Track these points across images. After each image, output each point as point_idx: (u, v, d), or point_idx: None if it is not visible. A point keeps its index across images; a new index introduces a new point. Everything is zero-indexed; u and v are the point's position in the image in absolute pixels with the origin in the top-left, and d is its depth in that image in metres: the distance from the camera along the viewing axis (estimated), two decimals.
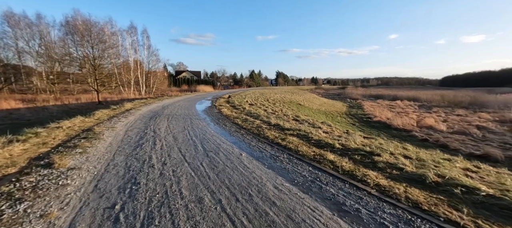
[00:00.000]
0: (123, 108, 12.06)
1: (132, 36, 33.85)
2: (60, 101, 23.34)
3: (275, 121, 8.50)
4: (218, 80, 69.23)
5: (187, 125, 7.80)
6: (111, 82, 28.08)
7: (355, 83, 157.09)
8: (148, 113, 10.56)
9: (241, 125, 8.01)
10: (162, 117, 9.55)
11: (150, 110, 11.56)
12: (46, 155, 4.38)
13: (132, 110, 11.54)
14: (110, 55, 27.82)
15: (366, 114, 22.48)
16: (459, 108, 26.03)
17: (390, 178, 3.45)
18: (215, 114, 10.82)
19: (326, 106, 29.02)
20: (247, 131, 7.09)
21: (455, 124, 16.35)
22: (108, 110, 11.10)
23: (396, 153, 4.86)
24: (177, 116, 9.70)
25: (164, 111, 11.42)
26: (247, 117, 9.69)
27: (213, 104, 14.86)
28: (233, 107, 13.24)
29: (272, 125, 7.81)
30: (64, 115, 16.73)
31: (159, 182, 3.33)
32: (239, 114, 10.45)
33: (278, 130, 7.09)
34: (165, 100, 18.32)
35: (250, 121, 8.70)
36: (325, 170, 3.85)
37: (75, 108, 19.80)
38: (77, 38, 23.76)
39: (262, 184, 3.33)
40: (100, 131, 6.59)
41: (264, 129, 7.26)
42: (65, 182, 3.26)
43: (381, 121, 18.11)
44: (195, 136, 6.32)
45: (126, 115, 9.89)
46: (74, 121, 7.80)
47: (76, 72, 28.78)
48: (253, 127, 7.58)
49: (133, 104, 14.13)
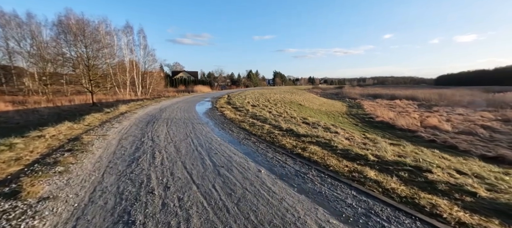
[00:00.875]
0: (118, 112, 11.05)
1: (128, 36, 32.72)
2: (52, 103, 22.17)
3: (286, 125, 7.66)
4: (216, 80, 68.21)
5: (189, 131, 6.91)
6: (106, 83, 26.94)
7: (352, 82, 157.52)
8: (144, 117, 9.60)
9: (250, 131, 7.13)
10: (160, 121, 8.61)
11: (147, 114, 10.60)
12: (14, 178, 3.44)
13: (127, 114, 10.53)
14: (104, 55, 26.71)
15: (367, 114, 21.77)
16: (458, 107, 25.53)
17: (468, 209, 2.62)
18: (217, 117, 9.95)
19: (326, 106, 28.29)
20: (258, 138, 6.22)
21: (459, 123, 15.73)
22: (101, 114, 10.13)
23: (443, 166, 4.05)
24: (177, 120, 8.78)
25: (162, 114, 10.48)
26: (253, 120, 8.82)
27: (214, 106, 13.98)
28: (236, 109, 12.38)
29: (284, 131, 6.96)
30: (55, 118, 15.75)
31: (162, 221, 2.45)
32: (244, 117, 9.58)
33: (293, 137, 6.24)
34: (162, 101, 17.31)
35: (258, 125, 7.81)
36: (375, 195, 3.00)
37: (68, 110, 18.72)
38: (70, 37, 22.63)
39: (301, 221, 2.47)
40: (89, 140, 5.66)
41: (277, 135, 6.40)
42: (30, 224, 2.35)
43: (384, 121, 17.39)
44: (200, 145, 5.43)
45: (121, 120, 8.91)
46: (60, 128, 6.82)
47: (69, 73, 27.61)
48: (264, 133, 6.71)
49: (128, 106, 13.12)
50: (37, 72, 29.11)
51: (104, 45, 26.86)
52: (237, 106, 13.65)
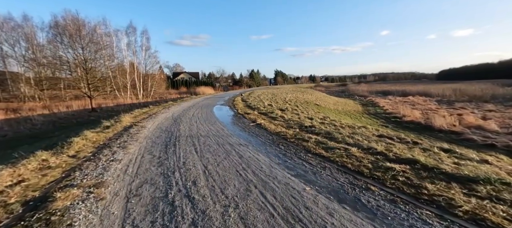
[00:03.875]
0: (120, 126, 8.54)
1: (130, 37, 31.19)
2: (48, 109, 20.60)
3: (353, 139, 5.63)
4: (217, 81, 66.76)
5: (235, 163, 4.42)
6: (105, 86, 25.44)
7: (353, 79, 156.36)
8: (158, 135, 7.09)
9: (324, 155, 4.74)
10: (182, 141, 6.14)
11: (159, 128, 8.24)
12: None
13: (133, 129, 7.92)
14: (103, 56, 25.18)
15: (390, 113, 20.22)
16: (482, 102, 24.04)
17: None
18: (254, 129, 7.56)
19: (341, 105, 26.80)
20: (358, 176, 3.71)
21: (504, 122, 14.22)
22: (97, 132, 7.55)
23: None
24: (204, 139, 6.34)
25: (180, 127, 8.10)
26: (309, 135, 6.16)
27: (235, 111, 12.15)
28: (265, 115, 10.30)
29: (371, 152, 4.69)
30: (50, 127, 14.11)
31: None
32: (288, 130, 7.10)
33: (407, 168, 3.81)
34: (171, 107, 15.42)
35: (323, 142, 5.45)
36: None
37: (64, 118, 17.18)
38: (66, 39, 21.08)
39: None
40: (63, 209, 2.84)
41: (366, 164, 4.09)
42: None
43: (415, 122, 15.86)
44: (275, 199, 3.01)
45: (125, 142, 6.20)
46: (29, 164, 4.36)
47: (67, 77, 26.10)
48: (353, 163, 4.18)
49: (133, 116, 11.03)
50: (33, 77, 27.62)
51: (103, 46, 25.35)
52: (261, 110, 11.98)
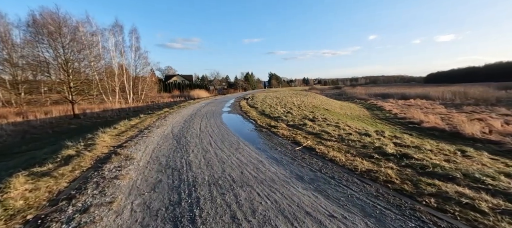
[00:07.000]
0: (88, 158, 4.98)
1: (117, 36, 28.59)
2: (23, 116, 17.94)
3: None
4: (211, 84, 64.51)
5: None
6: (91, 90, 22.93)
7: (345, 82, 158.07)
8: (154, 176, 4.01)
9: None
10: (205, 204, 2.97)
11: (155, 160, 4.91)
12: None
13: (110, 165, 4.53)
14: (88, 56, 22.71)
15: (403, 117, 18.80)
16: (490, 105, 23.18)
17: None
18: (306, 159, 4.69)
19: (346, 109, 25.31)
20: None
21: None
22: (39, 176, 3.90)
23: None
24: (242, 190, 3.37)
25: (190, 156, 5.06)
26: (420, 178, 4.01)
27: (254, 122, 9.66)
28: (298, 129, 7.83)
29: None
30: (17, 140, 11.38)
31: None
32: (363, 160, 4.43)
33: None
34: (168, 116, 12.10)
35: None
36: None
37: (39, 127, 14.70)
38: (43, 37, 18.57)
39: None
40: None
41: None
42: None
43: (438, 128, 14.32)
44: None
45: (86, 208, 2.93)
46: None
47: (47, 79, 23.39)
48: None
49: (115, 134, 7.68)
50: (9, 79, 24.71)
51: (87, 45, 22.89)
52: (289, 121, 9.49)
